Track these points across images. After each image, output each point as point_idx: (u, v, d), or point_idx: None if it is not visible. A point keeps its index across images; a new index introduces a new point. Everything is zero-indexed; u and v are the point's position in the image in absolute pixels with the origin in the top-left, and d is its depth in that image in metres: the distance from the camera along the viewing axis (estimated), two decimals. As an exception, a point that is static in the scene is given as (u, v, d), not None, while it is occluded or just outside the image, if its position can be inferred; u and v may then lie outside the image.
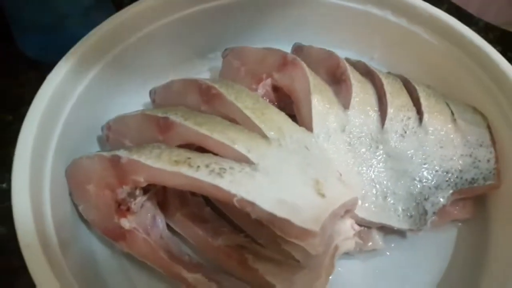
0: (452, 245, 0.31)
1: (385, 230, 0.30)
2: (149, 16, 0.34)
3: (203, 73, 0.38)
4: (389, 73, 0.34)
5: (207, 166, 0.24)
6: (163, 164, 0.24)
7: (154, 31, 0.35)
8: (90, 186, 0.27)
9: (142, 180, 0.25)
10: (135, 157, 0.25)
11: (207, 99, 0.29)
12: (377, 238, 0.29)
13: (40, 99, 0.28)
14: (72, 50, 0.31)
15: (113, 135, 0.31)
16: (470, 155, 0.30)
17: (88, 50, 0.31)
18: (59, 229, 0.26)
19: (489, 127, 0.32)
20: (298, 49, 0.36)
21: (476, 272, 0.29)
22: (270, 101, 0.32)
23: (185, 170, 0.24)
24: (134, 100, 0.35)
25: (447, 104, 0.32)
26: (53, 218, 0.26)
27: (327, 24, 0.39)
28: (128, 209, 0.27)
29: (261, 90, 0.32)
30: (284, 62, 0.31)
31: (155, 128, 0.28)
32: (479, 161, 0.30)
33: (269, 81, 0.32)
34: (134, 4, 0.34)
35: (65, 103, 0.30)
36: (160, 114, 0.28)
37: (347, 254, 0.29)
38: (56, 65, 0.30)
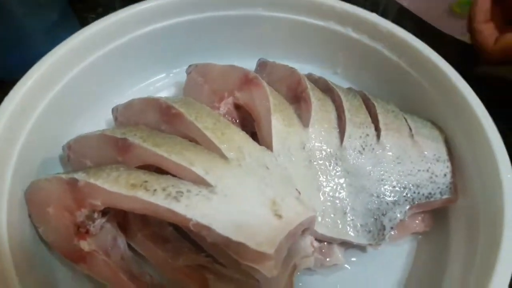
0: (412, 258, 0.32)
1: (346, 245, 0.30)
2: (114, 32, 0.34)
3: (167, 89, 0.38)
4: (350, 88, 0.35)
5: (164, 189, 0.24)
6: (119, 188, 0.24)
7: (119, 47, 0.35)
8: (50, 209, 0.27)
9: (99, 203, 0.25)
10: (92, 180, 0.25)
11: (167, 119, 0.29)
12: (337, 253, 0.30)
13: (-1, 117, 0.28)
14: (33, 68, 0.31)
15: (74, 155, 0.31)
16: (427, 170, 0.31)
17: (50, 67, 0.31)
18: (16, 252, 0.26)
19: (446, 142, 0.33)
20: (263, 65, 0.37)
21: (435, 284, 0.30)
22: (232, 119, 0.32)
23: (141, 194, 0.24)
24: (96, 118, 0.35)
25: (405, 120, 0.33)
26: (9, 241, 0.26)
27: (292, 39, 0.39)
28: (87, 232, 0.27)
29: (223, 108, 0.32)
30: (246, 81, 0.32)
31: (114, 149, 0.28)
32: (436, 175, 0.31)
33: (231, 99, 0.32)
34: (98, 21, 0.34)
35: (26, 122, 0.30)
36: (119, 136, 0.28)
37: (309, 270, 0.30)
38: (17, 83, 0.30)
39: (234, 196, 0.25)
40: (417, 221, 0.32)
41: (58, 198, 0.27)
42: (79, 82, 0.33)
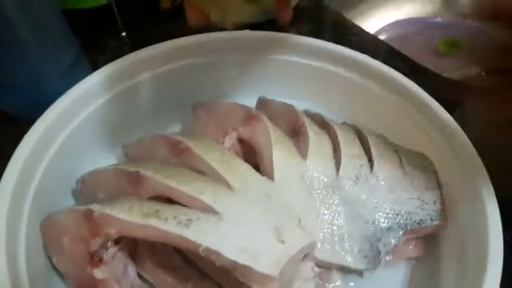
0: (407, 282, 0.33)
1: (344, 270, 0.32)
2: (124, 74, 0.37)
3: (174, 126, 0.41)
4: (344, 123, 0.37)
5: (175, 217, 0.26)
6: (133, 217, 0.26)
7: (129, 88, 0.38)
8: (64, 239, 0.29)
9: (114, 232, 0.27)
10: (107, 210, 0.27)
11: (176, 153, 0.32)
12: (336, 278, 0.31)
13: (18, 155, 0.30)
14: (50, 108, 0.33)
15: (86, 188, 0.33)
16: (418, 198, 0.33)
17: (66, 108, 0.34)
18: (33, 283, 0.27)
19: (435, 172, 0.35)
20: (262, 102, 0.39)
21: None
22: (235, 152, 0.34)
23: (154, 222, 0.26)
24: (108, 154, 0.38)
25: (396, 151, 0.35)
26: (28, 271, 0.27)
27: (289, 79, 0.42)
28: (101, 260, 0.28)
29: (227, 142, 0.34)
30: (248, 117, 0.34)
31: (127, 182, 0.30)
32: (426, 203, 0.33)
33: (234, 134, 0.34)
34: (109, 65, 0.37)
35: (42, 159, 0.32)
36: (131, 169, 0.30)
37: (310, 295, 0.31)
38: (35, 123, 0.32)
39: (240, 222, 0.27)
40: (410, 247, 0.33)
41: (73, 229, 0.28)
42: (92, 121, 0.36)
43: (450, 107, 0.36)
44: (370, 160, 0.34)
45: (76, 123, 0.35)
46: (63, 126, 0.34)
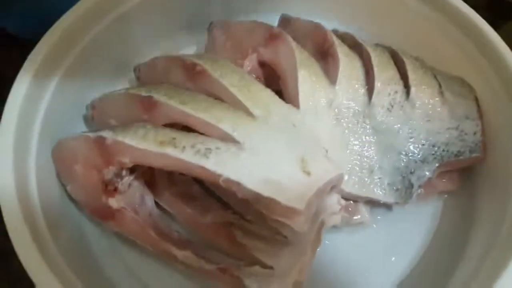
0: (438, 217, 0.32)
1: (372, 203, 0.30)
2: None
3: (188, 47, 0.37)
4: (377, 44, 0.33)
5: (192, 146, 0.24)
6: (148, 145, 0.24)
7: (139, 5, 0.34)
8: (77, 167, 0.27)
9: (127, 161, 0.25)
10: (120, 138, 0.25)
11: (191, 76, 0.29)
12: (364, 211, 0.30)
13: (22, 79, 0.28)
14: (54, 26, 0.30)
15: (98, 114, 0.31)
16: (457, 128, 0.30)
17: (71, 25, 0.30)
18: (47, 210, 0.26)
19: (476, 99, 0.32)
20: (285, 21, 0.35)
21: (460, 243, 0.30)
22: (256, 77, 0.31)
23: (170, 151, 0.24)
24: (119, 77, 0.35)
25: (435, 77, 0.32)
26: (40, 199, 0.26)
27: (315, -7, 0.38)
28: (116, 189, 0.27)
29: (247, 65, 0.31)
30: (270, 36, 0.31)
31: (140, 107, 0.27)
32: (466, 134, 0.30)
33: (254, 56, 0.31)
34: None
35: (49, 82, 0.30)
36: (143, 93, 0.27)
37: (334, 228, 0.30)
38: (38, 43, 0.29)
39: (262, 153, 0.25)
40: (444, 180, 0.31)
41: (85, 156, 0.27)
42: (100, 41, 0.33)
43: (495, 23, 0.31)
44: (406, 85, 0.30)
45: (83, 43, 0.32)
46: (69, 46, 0.31)
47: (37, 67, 0.29)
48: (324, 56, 0.31)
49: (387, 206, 0.31)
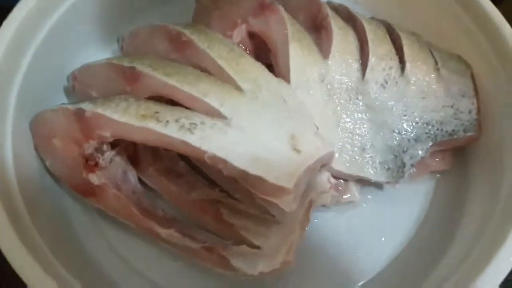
0: (430, 197, 0.31)
1: (362, 182, 0.29)
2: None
3: (173, 16, 0.35)
4: (372, 18, 0.32)
5: (176, 121, 0.23)
6: (129, 118, 0.23)
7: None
8: (56, 140, 0.26)
9: (108, 135, 0.24)
10: (100, 110, 0.24)
11: (177, 47, 0.27)
12: (354, 190, 0.29)
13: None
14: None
15: (79, 85, 0.29)
16: (452, 106, 0.29)
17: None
18: (24, 185, 0.25)
19: (473, 77, 0.31)
20: (278, -9, 0.34)
21: (452, 223, 0.29)
22: (245, 49, 0.30)
23: (153, 125, 0.23)
24: (102, 48, 0.33)
25: (431, 52, 0.30)
26: (17, 174, 0.25)
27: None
28: (96, 164, 0.26)
29: (236, 37, 0.30)
30: (260, 6, 0.29)
31: (122, 78, 0.26)
32: (461, 112, 0.29)
33: (244, 26, 0.29)
34: None
35: (25, 52, 0.28)
36: (126, 64, 0.26)
37: (324, 207, 0.29)
38: (13, 9, 0.27)
39: (250, 129, 0.24)
40: (437, 159, 0.30)
41: (64, 129, 0.25)
42: (82, 8, 0.31)
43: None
44: (401, 61, 0.29)
45: (63, 9, 0.30)
46: (48, 12, 0.29)
47: (12, 35, 0.27)
48: (317, 29, 0.30)
49: (378, 186, 0.30)
